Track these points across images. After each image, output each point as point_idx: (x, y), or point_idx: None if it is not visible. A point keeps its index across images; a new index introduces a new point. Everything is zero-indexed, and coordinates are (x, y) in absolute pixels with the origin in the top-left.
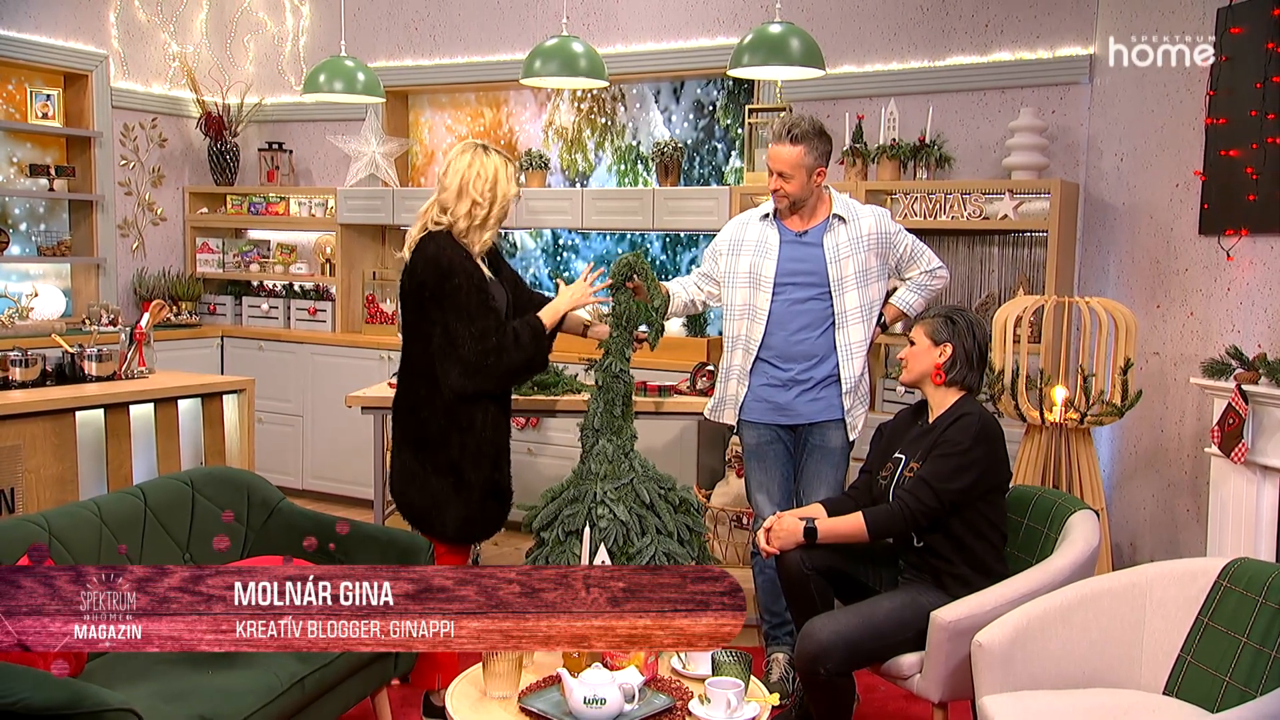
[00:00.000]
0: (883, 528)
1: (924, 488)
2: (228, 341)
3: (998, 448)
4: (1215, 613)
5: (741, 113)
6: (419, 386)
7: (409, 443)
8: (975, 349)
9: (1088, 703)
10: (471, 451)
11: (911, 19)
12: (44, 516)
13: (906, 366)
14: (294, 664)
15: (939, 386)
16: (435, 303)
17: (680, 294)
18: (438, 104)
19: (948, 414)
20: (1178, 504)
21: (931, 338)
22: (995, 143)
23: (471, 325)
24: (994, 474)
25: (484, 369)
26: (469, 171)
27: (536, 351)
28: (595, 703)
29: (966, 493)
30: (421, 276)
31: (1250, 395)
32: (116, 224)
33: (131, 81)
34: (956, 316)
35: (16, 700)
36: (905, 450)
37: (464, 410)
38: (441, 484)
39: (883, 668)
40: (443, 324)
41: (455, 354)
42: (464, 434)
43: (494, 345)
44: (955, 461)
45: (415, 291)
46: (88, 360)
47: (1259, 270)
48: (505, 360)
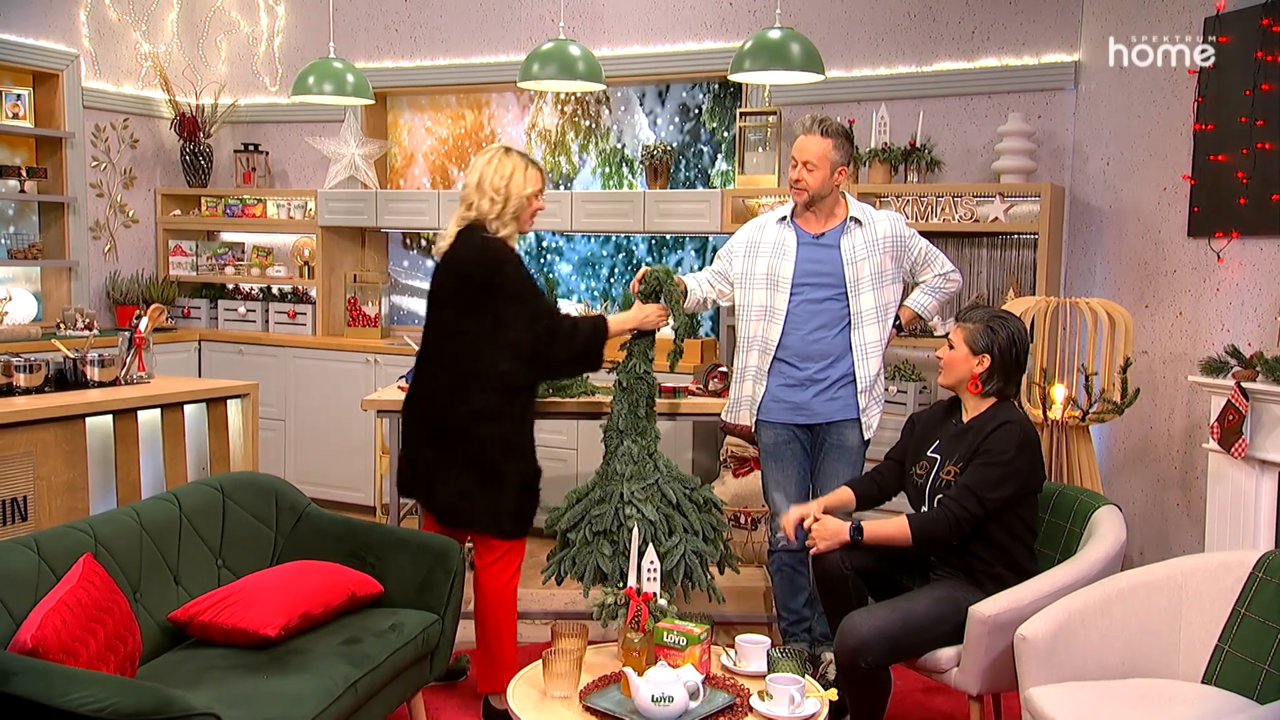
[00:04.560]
0: (928, 534)
1: (969, 496)
2: (205, 345)
3: (1036, 454)
4: (1252, 603)
5: (728, 116)
6: (451, 381)
7: (434, 439)
8: (1014, 361)
9: (1131, 692)
10: (506, 444)
11: (899, 25)
12: (89, 524)
13: (944, 369)
14: (345, 667)
15: (975, 395)
16: (485, 291)
17: (695, 290)
18: (417, 106)
19: (986, 418)
20: (1167, 498)
21: (970, 345)
22: (983, 146)
23: (524, 309)
24: (1034, 480)
25: (536, 353)
26: (487, 168)
27: (592, 348)
28: (663, 700)
29: (1009, 500)
30: (468, 266)
31: (1249, 392)
32: (88, 226)
33: (103, 81)
34: (998, 327)
35: (105, 706)
36: (941, 450)
37: (498, 402)
38: (471, 478)
39: (920, 661)
40: (492, 311)
41: (506, 339)
42: (496, 426)
43: (545, 329)
44: (999, 471)
45: (462, 281)
46: (90, 365)
47: (1248, 271)
48: (558, 348)
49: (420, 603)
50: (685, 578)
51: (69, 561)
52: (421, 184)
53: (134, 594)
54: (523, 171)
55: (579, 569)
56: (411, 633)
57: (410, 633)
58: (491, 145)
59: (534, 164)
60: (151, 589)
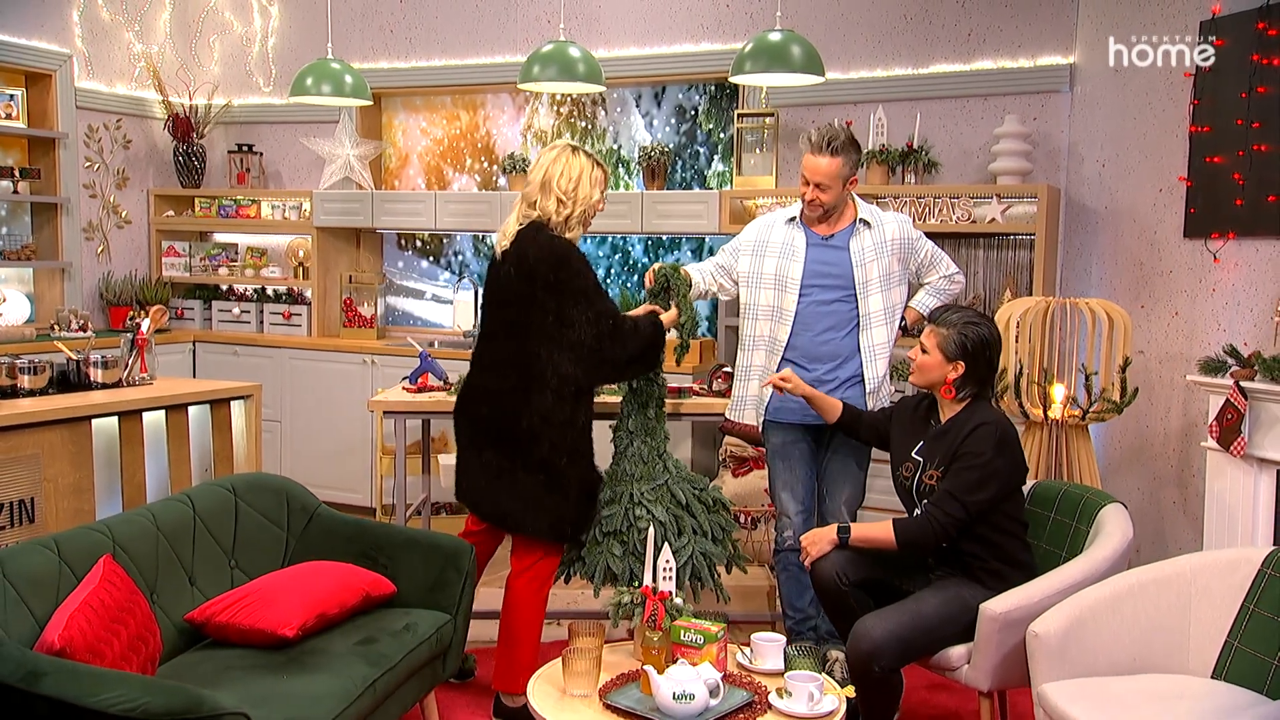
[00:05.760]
0: (913, 540)
1: (951, 501)
2: (200, 346)
3: (1016, 452)
4: (1261, 599)
5: (724, 117)
6: (513, 382)
7: (494, 442)
8: (987, 365)
9: (1143, 687)
10: (568, 448)
11: (895, 27)
12: (106, 525)
13: (917, 370)
14: (364, 667)
15: (950, 400)
16: (551, 289)
17: (699, 282)
18: (412, 106)
19: (963, 420)
20: (1164, 496)
21: (944, 351)
22: (979, 148)
23: (589, 309)
24: (1015, 478)
25: (598, 354)
26: (554, 167)
27: (651, 345)
28: (684, 698)
29: (992, 501)
30: (534, 264)
31: (1247, 391)
32: (81, 227)
33: (96, 81)
34: (971, 334)
35: (137, 706)
36: (923, 453)
37: (561, 405)
38: (533, 482)
39: (931, 660)
40: (556, 311)
41: (569, 339)
42: (560, 430)
43: (609, 329)
44: (979, 474)
45: (526, 279)
46: (93, 367)
47: (1244, 272)
48: (621, 348)
49: (432, 603)
50: (693, 578)
51: (88, 563)
52: (416, 185)
53: (151, 595)
54: (590, 173)
55: (589, 569)
56: (426, 633)
57: (424, 633)
58: (558, 141)
59: (600, 164)
60: (167, 590)
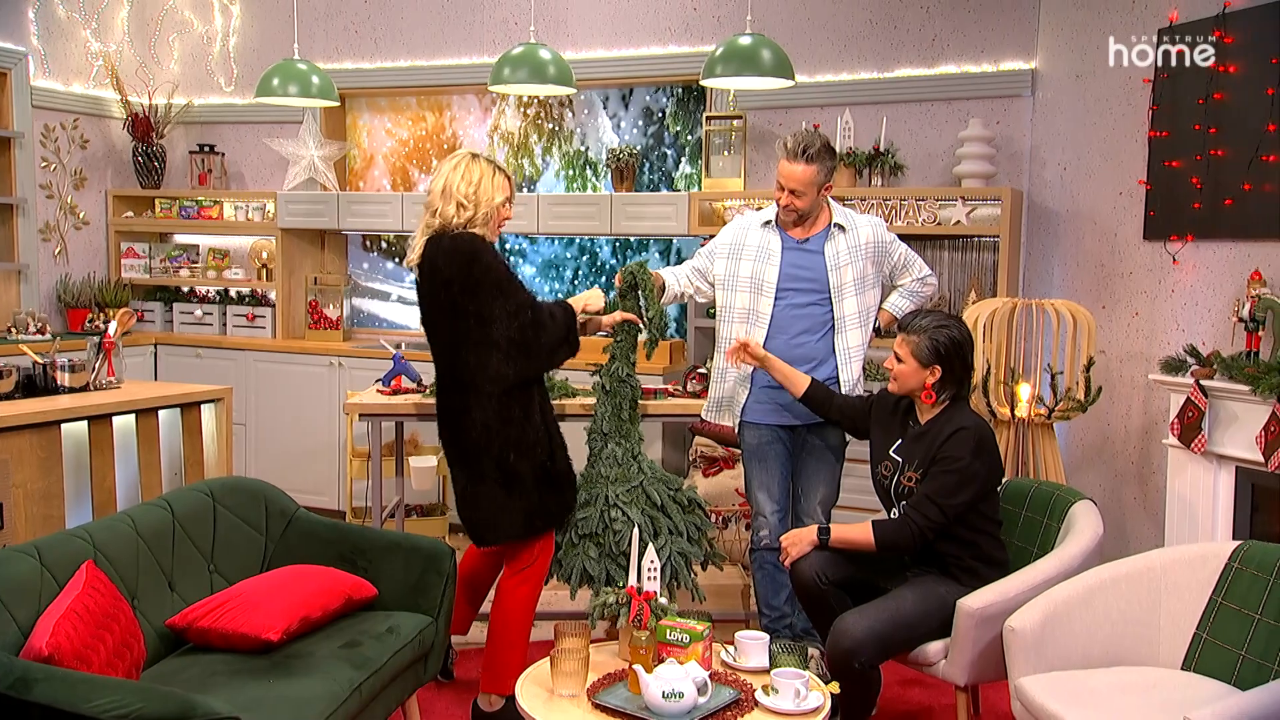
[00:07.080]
0: (891, 542)
1: (930, 505)
2: (162, 349)
3: (993, 455)
4: (1228, 592)
5: (691, 119)
6: (455, 397)
7: (456, 460)
8: (963, 366)
9: (1116, 680)
10: (515, 444)
11: (860, 32)
12: (86, 530)
13: (895, 379)
14: (349, 670)
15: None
16: (466, 292)
17: (674, 285)
18: (377, 107)
19: (942, 422)
20: (1125, 493)
21: (919, 358)
22: (944, 151)
23: (506, 303)
24: (993, 479)
25: (523, 346)
26: (454, 174)
27: (569, 330)
28: (674, 696)
29: (971, 504)
30: (446, 272)
31: (1207, 390)
32: (38, 228)
33: (52, 80)
34: (943, 337)
35: (130, 711)
36: (901, 453)
37: (502, 407)
38: (492, 489)
39: (909, 656)
40: (475, 312)
41: (491, 338)
42: (504, 430)
43: (530, 320)
44: (957, 478)
45: (442, 286)
46: (60, 371)
47: (1203, 273)
48: (544, 336)
49: (413, 605)
50: (671, 578)
51: (70, 569)
52: (381, 186)
53: (132, 600)
54: (491, 178)
55: (565, 571)
56: (408, 635)
57: (407, 635)
58: (457, 151)
59: (502, 170)
60: (148, 595)
